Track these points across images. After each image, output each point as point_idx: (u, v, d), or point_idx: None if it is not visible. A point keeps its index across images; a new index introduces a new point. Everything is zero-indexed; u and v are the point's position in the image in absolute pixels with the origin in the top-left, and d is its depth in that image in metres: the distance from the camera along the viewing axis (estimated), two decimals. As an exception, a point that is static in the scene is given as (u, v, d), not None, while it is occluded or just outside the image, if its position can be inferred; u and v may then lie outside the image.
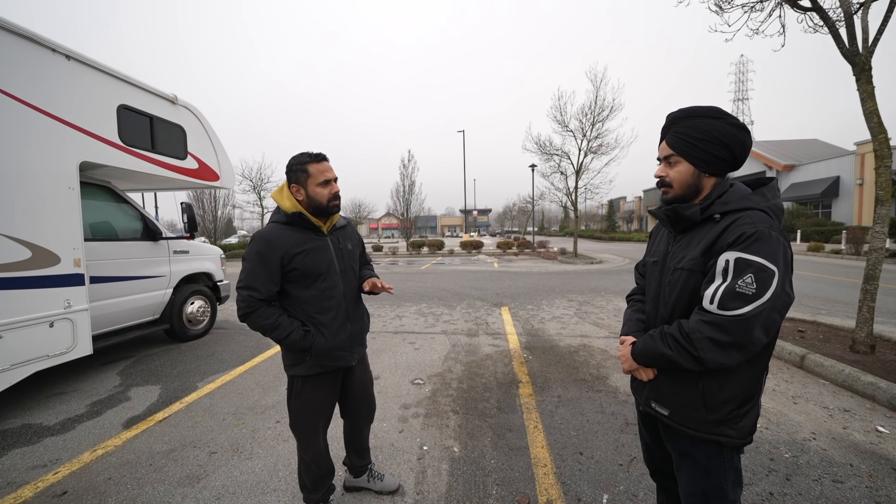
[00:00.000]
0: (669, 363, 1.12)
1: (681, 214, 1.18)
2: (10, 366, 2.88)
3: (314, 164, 1.64)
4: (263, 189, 24.59)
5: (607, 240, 37.31)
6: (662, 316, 1.23)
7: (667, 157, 1.19)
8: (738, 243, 1.03)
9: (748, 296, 0.99)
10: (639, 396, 1.33)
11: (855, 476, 2.12)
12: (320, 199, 1.65)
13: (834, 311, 5.99)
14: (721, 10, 4.56)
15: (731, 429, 1.12)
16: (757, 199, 1.10)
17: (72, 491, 2.10)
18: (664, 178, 1.21)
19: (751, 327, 1.00)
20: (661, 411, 1.22)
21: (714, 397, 1.11)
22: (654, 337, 1.16)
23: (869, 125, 3.63)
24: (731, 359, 1.04)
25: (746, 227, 1.03)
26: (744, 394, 1.11)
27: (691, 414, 1.15)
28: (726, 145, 1.11)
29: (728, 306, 1.01)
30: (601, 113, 14.83)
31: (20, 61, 2.95)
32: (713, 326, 1.03)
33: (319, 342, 1.67)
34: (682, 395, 1.16)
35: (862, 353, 3.67)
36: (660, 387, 1.22)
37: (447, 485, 2.10)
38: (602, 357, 4.10)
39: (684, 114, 1.17)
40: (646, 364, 1.21)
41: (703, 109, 1.15)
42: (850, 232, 15.56)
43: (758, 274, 0.99)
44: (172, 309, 4.78)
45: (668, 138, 1.19)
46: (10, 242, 2.87)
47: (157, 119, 4.28)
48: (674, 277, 1.18)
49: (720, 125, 1.11)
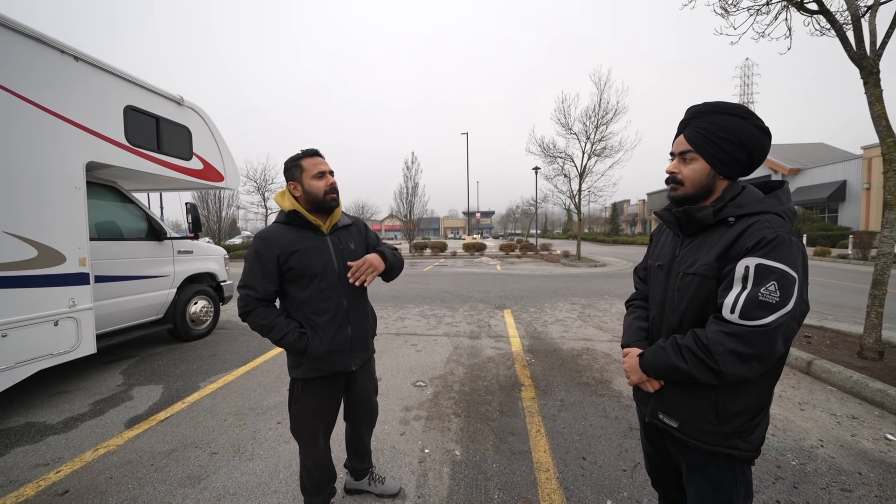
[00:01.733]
0: (683, 377, 1.06)
1: (692, 216, 1.11)
2: (15, 364, 2.89)
3: (307, 159, 1.66)
4: (268, 190, 24.73)
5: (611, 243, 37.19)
6: (670, 323, 1.16)
7: (682, 153, 1.12)
8: (759, 248, 0.97)
9: (772, 304, 0.94)
10: (644, 407, 1.27)
11: (864, 485, 2.08)
12: (317, 191, 1.64)
13: (841, 316, 5.92)
14: (727, 13, 4.54)
15: (744, 441, 1.07)
16: (773, 203, 1.04)
17: (73, 490, 2.10)
18: (676, 175, 1.14)
19: (775, 338, 0.95)
20: (669, 423, 1.16)
21: (727, 409, 1.06)
22: (666, 349, 1.09)
23: (877, 129, 3.59)
24: (752, 371, 0.98)
25: (766, 232, 0.97)
26: (757, 405, 1.06)
27: (703, 426, 1.09)
28: (747, 148, 1.06)
29: (752, 315, 0.95)
30: (605, 116, 14.82)
31: (29, 62, 2.99)
32: (735, 338, 0.96)
33: (315, 345, 1.64)
34: (692, 406, 1.10)
35: (870, 360, 3.62)
36: (668, 398, 1.16)
37: (448, 488, 2.08)
38: (605, 361, 4.07)
39: (709, 108, 1.09)
40: (656, 377, 1.15)
41: (730, 106, 1.07)
42: (857, 237, 15.43)
43: (780, 281, 0.94)
44: (176, 309, 4.80)
45: (687, 132, 1.12)
46: (16, 241, 2.89)
47: (164, 120, 4.31)
48: (684, 283, 1.12)
49: (746, 126, 1.05)
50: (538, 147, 16.87)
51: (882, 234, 3.62)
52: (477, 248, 22.59)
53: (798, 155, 30.78)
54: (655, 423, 1.22)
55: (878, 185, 21.74)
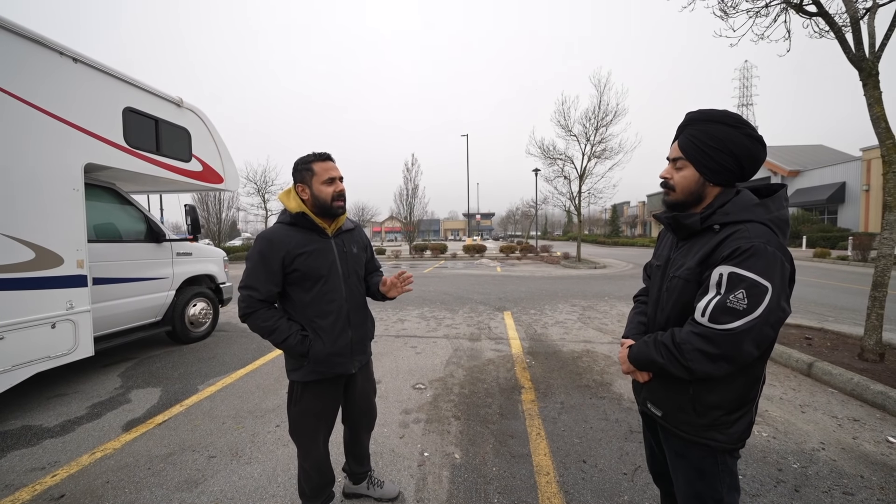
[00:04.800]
0: (660, 370, 1.16)
1: (681, 223, 1.18)
2: (12, 366, 2.88)
3: (318, 163, 1.64)
4: (268, 192, 24.70)
5: (611, 244, 37.20)
6: (660, 321, 1.25)
7: (675, 160, 1.17)
8: (733, 258, 1.02)
9: (739, 311, 1.00)
10: (638, 397, 1.38)
11: (866, 488, 2.06)
12: (325, 197, 1.63)
13: (841, 318, 5.91)
14: (726, 16, 4.55)
15: (721, 433, 1.13)
16: (759, 212, 1.07)
17: (69, 494, 2.08)
18: (668, 181, 1.20)
19: (740, 341, 1.01)
20: (655, 412, 1.26)
21: (703, 402, 1.13)
22: (648, 343, 1.19)
23: (876, 130, 3.59)
24: (719, 370, 1.05)
25: (742, 242, 1.02)
26: (735, 401, 1.12)
27: (682, 417, 1.18)
28: (736, 157, 1.08)
29: (719, 320, 1.02)
30: (605, 117, 14.83)
31: (28, 64, 2.98)
32: (703, 339, 1.04)
33: (317, 347, 1.64)
34: (673, 398, 1.19)
35: (871, 362, 3.61)
36: (655, 389, 1.25)
37: (448, 492, 2.06)
38: (606, 363, 4.05)
39: (701, 116, 1.13)
40: (640, 368, 1.24)
41: (721, 115, 1.11)
42: (857, 238, 15.43)
43: (750, 290, 0.99)
44: (175, 311, 4.78)
45: (680, 139, 1.16)
46: (13, 243, 2.88)
47: (163, 121, 4.31)
48: (672, 284, 1.20)
49: (735, 134, 1.08)
50: (538, 149, 16.91)
51: (882, 235, 3.61)
52: (477, 249, 22.59)
53: (797, 156, 30.84)
54: (646, 412, 1.32)
55: (877, 186, 21.77)
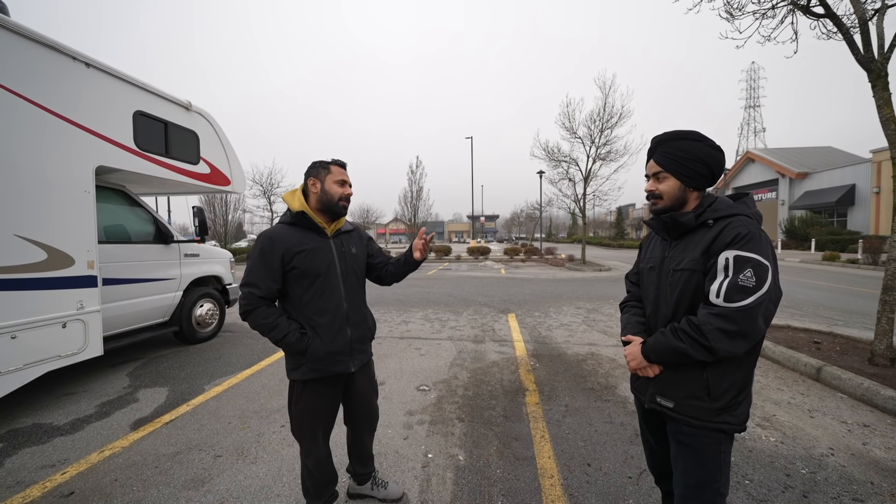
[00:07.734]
0: (682, 356, 1.23)
1: (678, 221, 1.31)
2: (24, 365, 2.93)
3: (335, 166, 1.77)
4: (273, 194, 24.91)
5: (616, 247, 36.96)
6: (664, 315, 1.34)
7: (656, 174, 1.36)
8: (735, 243, 1.16)
9: (749, 288, 1.12)
10: (642, 395, 1.42)
11: (876, 495, 2.03)
12: (333, 194, 1.73)
13: (851, 322, 5.83)
14: (732, 17, 4.53)
15: (732, 416, 1.23)
16: (742, 207, 1.26)
17: (79, 492, 2.12)
18: (654, 192, 1.37)
19: (755, 316, 1.12)
20: (666, 405, 1.32)
21: (718, 386, 1.22)
22: (666, 333, 1.27)
23: (886, 132, 3.55)
24: (738, 347, 1.15)
25: (741, 229, 1.17)
26: (742, 382, 1.23)
27: (696, 403, 1.25)
28: (707, 164, 1.30)
29: (733, 298, 1.13)
30: (610, 120, 14.78)
31: (42, 68, 3.05)
32: (721, 318, 1.14)
33: (316, 345, 1.67)
34: (686, 386, 1.27)
35: (881, 366, 3.55)
36: (665, 381, 1.33)
37: (452, 494, 2.07)
38: (610, 366, 4.03)
39: (670, 136, 1.34)
40: (658, 359, 1.31)
41: (687, 133, 1.33)
42: (867, 241, 15.20)
43: (756, 269, 1.12)
44: (182, 311, 4.83)
45: (655, 157, 1.35)
46: (26, 244, 2.93)
47: (172, 125, 4.37)
48: (674, 278, 1.31)
49: (701, 147, 1.30)
50: (543, 151, 16.87)
51: (893, 238, 3.57)
52: (481, 251, 22.57)
53: (805, 158, 30.47)
54: (654, 408, 1.38)
55: (887, 189, 21.47)
